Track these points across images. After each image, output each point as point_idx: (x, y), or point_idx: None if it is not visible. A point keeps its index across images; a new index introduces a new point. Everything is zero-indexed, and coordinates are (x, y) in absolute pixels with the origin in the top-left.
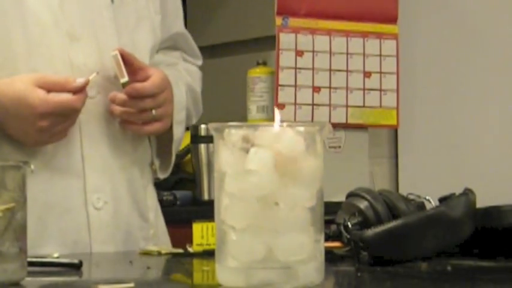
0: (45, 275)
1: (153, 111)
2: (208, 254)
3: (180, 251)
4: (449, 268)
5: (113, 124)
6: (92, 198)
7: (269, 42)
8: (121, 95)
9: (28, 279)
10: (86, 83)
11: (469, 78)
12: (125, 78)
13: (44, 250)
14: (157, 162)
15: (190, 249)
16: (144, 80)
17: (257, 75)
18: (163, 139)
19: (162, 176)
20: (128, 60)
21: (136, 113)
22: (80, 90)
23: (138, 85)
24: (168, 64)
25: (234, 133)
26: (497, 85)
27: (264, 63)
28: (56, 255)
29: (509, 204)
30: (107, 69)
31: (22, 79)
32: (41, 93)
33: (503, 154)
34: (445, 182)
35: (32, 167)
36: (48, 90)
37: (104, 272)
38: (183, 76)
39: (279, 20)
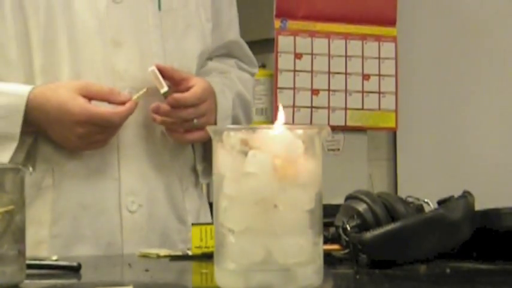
0: (44, 278)
1: (195, 121)
2: (207, 257)
3: (179, 253)
4: (448, 271)
5: (150, 129)
6: (127, 200)
7: (268, 44)
8: (164, 106)
9: (27, 281)
10: (129, 99)
11: (468, 81)
12: (164, 88)
13: (77, 250)
14: (200, 167)
15: (189, 252)
16: (187, 89)
17: (256, 77)
18: (209, 145)
19: (203, 181)
20: (166, 73)
21: (177, 122)
22: (123, 103)
23: (179, 95)
24: (221, 72)
25: (233, 136)
26: (496, 87)
27: (263, 66)
28: (54, 257)
29: (507, 207)
30: (146, 76)
31: (66, 86)
32: (82, 102)
33: (502, 157)
34: (443, 184)
35: (31, 169)
36: (90, 99)
37: (102, 274)
38: (234, 84)
39: (277, 23)
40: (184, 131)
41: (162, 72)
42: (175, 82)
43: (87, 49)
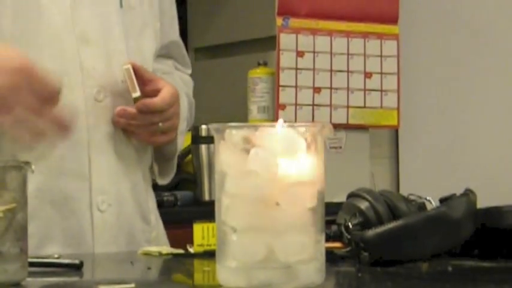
0: (46, 276)
1: (160, 124)
2: (209, 255)
3: (181, 251)
4: (449, 269)
5: (118, 128)
6: (97, 200)
7: (270, 42)
8: (131, 110)
9: (29, 279)
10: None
11: (470, 79)
12: (137, 93)
13: (47, 250)
14: (155, 168)
15: (191, 250)
16: (154, 92)
17: (258, 75)
18: (161, 149)
19: (161, 182)
20: (138, 73)
21: (142, 125)
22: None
23: (149, 101)
24: (164, 72)
25: (235, 134)
26: (498, 85)
27: (265, 64)
28: (56, 255)
29: (510, 204)
30: (115, 74)
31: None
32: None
33: (504, 154)
34: (445, 182)
35: (33, 167)
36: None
37: (104, 272)
38: (181, 86)
39: (279, 21)
40: (148, 134)
41: (136, 70)
42: (144, 82)
43: (54, 46)
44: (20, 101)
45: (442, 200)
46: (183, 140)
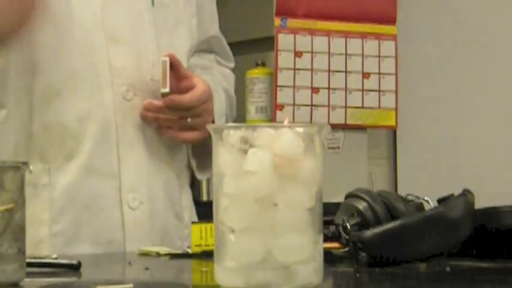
0: (44, 276)
1: (189, 120)
2: (207, 255)
3: (179, 251)
4: (448, 269)
5: (148, 127)
6: (127, 197)
7: (268, 43)
8: (157, 103)
9: (27, 280)
10: None
11: (468, 79)
12: (166, 89)
13: (78, 248)
14: (193, 163)
15: (188, 250)
16: (188, 89)
17: (256, 76)
18: (199, 146)
19: (200, 177)
20: (175, 66)
21: (171, 119)
22: None
23: (177, 98)
24: (204, 68)
25: (233, 134)
26: (496, 86)
27: (263, 64)
28: (54, 256)
29: (507, 205)
30: (144, 72)
31: None
32: None
33: (501, 155)
34: (443, 182)
35: (31, 167)
36: None
37: (102, 272)
38: (220, 81)
39: (277, 21)
40: (177, 129)
41: (172, 65)
42: (179, 77)
43: (84, 45)
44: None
45: (440, 201)
46: None
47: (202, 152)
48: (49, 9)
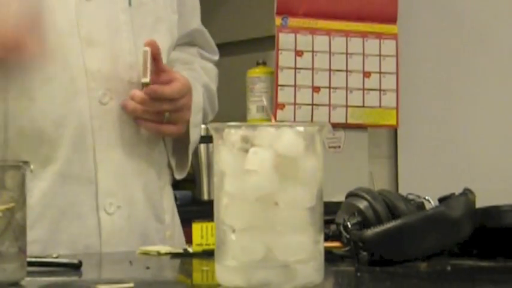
0: (44, 275)
1: (167, 114)
2: (208, 254)
3: (180, 251)
4: (448, 268)
5: (126, 129)
6: (104, 203)
7: (269, 42)
8: (141, 94)
9: (27, 279)
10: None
11: (469, 78)
12: (146, 79)
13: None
14: (173, 162)
15: (189, 249)
16: (167, 83)
17: (257, 75)
18: (179, 139)
19: (178, 176)
20: (155, 58)
21: (149, 112)
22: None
23: (157, 87)
24: (185, 62)
25: (234, 133)
26: (497, 85)
27: (264, 63)
28: (55, 255)
29: (508, 204)
30: (122, 75)
31: None
32: None
33: (502, 154)
34: (444, 182)
35: (32, 167)
36: None
37: (103, 272)
38: (200, 75)
39: (278, 20)
40: (156, 122)
41: (154, 53)
42: (157, 71)
43: (59, 50)
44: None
45: (441, 200)
46: (199, 133)
47: (181, 151)
48: (46, 47)
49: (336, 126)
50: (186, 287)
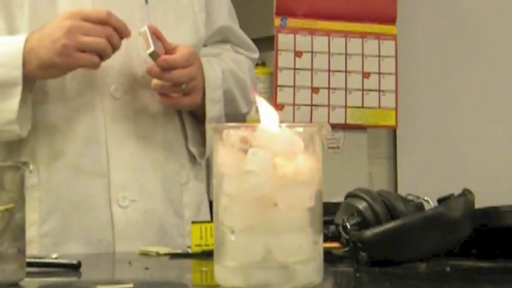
0: (43, 276)
1: (183, 86)
2: (207, 255)
3: (179, 251)
4: (448, 269)
5: (140, 123)
6: (117, 196)
7: (268, 42)
8: (155, 67)
9: (27, 279)
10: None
11: (468, 79)
12: (151, 49)
13: (67, 248)
14: (193, 150)
15: (189, 250)
16: (171, 51)
17: (256, 76)
18: (199, 129)
19: (200, 160)
20: (158, 36)
21: (167, 86)
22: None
23: (168, 57)
24: (214, 55)
25: (233, 134)
26: (496, 85)
27: (263, 64)
28: (54, 255)
29: (508, 204)
30: (136, 69)
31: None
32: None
33: (501, 154)
34: (443, 182)
35: (31, 167)
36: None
37: (102, 272)
38: (224, 62)
39: (277, 21)
40: (172, 97)
41: (154, 32)
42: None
43: None
44: (79, 38)
45: (440, 200)
46: (220, 111)
47: (200, 137)
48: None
49: (335, 126)
50: None
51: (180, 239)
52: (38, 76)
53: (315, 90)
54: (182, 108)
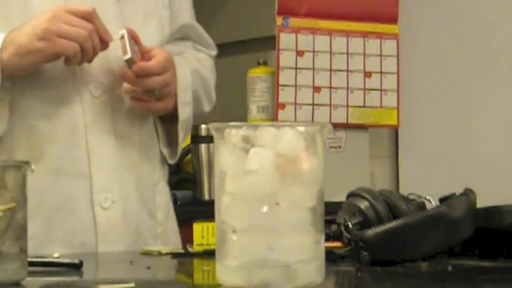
0: (45, 275)
1: (156, 92)
2: (209, 254)
3: (181, 251)
4: (449, 268)
5: (118, 123)
6: (99, 198)
7: (269, 42)
8: (130, 73)
9: (28, 279)
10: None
11: (470, 78)
12: (127, 55)
13: (49, 251)
14: (165, 151)
15: (190, 249)
16: (149, 59)
17: (257, 75)
18: (170, 128)
19: (170, 161)
20: (135, 40)
21: (139, 91)
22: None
23: (144, 64)
24: (176, 53)
25: (235, 133)
26: (498, 85)
27: (265, 63)
28: (56, 255)
29: (509, 204)
30: (113, 68)
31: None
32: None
33: (503, 154)
34: (445, 182)
35: (33, 166)
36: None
37: (104, 271)
38: (189, 62)
39: (279, 20)
40: (144, 101)
41: (133, 36)
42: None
43: None
44: (61, 25)
45: (442, 200)
46: (190, 113)
47: (174, 135)
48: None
49: (336, 126)
50: (187, 287)
51: (152, 240)
52: (14, 65)
53: (316, 89)
54: (154, 113)
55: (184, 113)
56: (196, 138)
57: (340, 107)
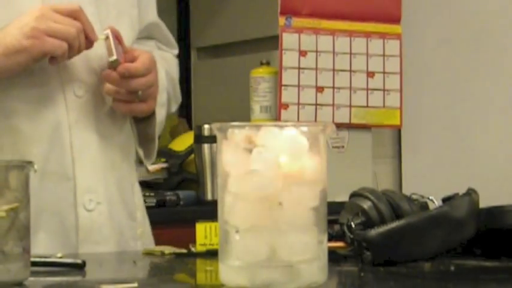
0: (48, 275)
1: (139, 93)
2: (212, 254)
3: (184, 251)
4: (452, 268)
5: (101, 123)
6: (83, 199)
7: (272, 42)
8: (115, 74)
9: (31, 279)
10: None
11: (473, 78)
12: (113, 57)
13: (32, 253)
14: (140, 152)
15: (193, 249)
16: (132, 60)
17: (260, 75)
18: (144, 128)
19: (147, 162)
20: (118, 40)
21: (124, 92)
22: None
23: (130, 65)
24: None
25: (238, 133)
26: (500, 85)
27: (267, 63)
28: (59, 255)
29: None
30: (94, 67)
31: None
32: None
33: (506, 154)
34: (448, 182)
35: (35, 166)
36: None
37: (107, 272)
38: (160, 62)
39: (282, 20)
40: (127, 102)
41: (116, 36)
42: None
43: None
44: (49, 23)
45: (445, 200)
46: (164, 114)
47: (148, 139)
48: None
49: (339, 126)
50: (190, 287)
51: (133, 241)
52: (1, 66)
53: (319, 89)
54: (137, 114)
55: (161, 114)
56: (199, 138)
57: (343, 107)
